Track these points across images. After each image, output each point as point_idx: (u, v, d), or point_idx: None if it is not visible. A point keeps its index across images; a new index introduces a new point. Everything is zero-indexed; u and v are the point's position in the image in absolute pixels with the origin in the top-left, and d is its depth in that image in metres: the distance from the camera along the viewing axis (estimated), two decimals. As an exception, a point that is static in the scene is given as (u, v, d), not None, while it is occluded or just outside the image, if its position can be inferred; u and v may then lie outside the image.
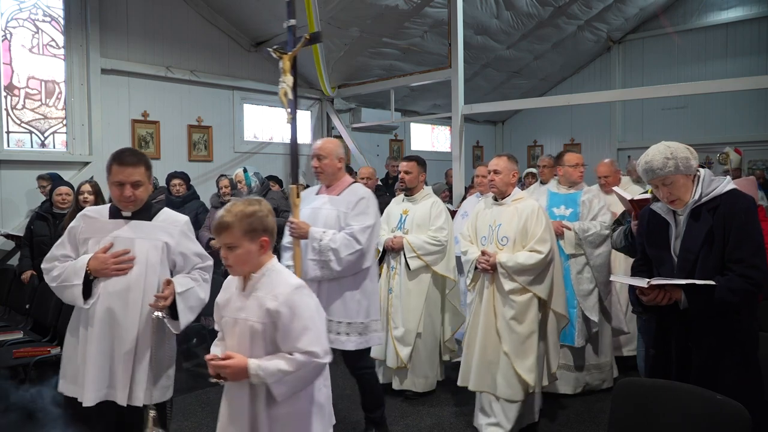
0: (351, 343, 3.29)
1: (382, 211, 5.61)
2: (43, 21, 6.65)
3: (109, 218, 2.56)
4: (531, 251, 3.45)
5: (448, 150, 10.42)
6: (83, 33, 6.73)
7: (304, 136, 9.25)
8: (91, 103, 6.78)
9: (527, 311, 3.46)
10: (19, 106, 6.49)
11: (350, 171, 8.10)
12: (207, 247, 5.23)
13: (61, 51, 6.74)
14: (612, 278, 3.70)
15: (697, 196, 2.31)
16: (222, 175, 6.77)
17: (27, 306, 5.10)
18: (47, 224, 5.04)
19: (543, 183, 5.34)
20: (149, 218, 2.58)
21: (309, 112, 9.28)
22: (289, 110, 3.42)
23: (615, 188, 3.74)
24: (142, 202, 2.57)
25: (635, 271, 2.59)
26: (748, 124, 9.62)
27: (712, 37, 10.24)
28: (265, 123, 8.79)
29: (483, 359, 3.52)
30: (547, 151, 12.28)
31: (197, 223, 5.54)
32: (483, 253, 3.55)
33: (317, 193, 3.50)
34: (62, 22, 6.74)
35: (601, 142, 11.28)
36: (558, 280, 3.59)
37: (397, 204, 4.56)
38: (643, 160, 2.38)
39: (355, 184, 3.48)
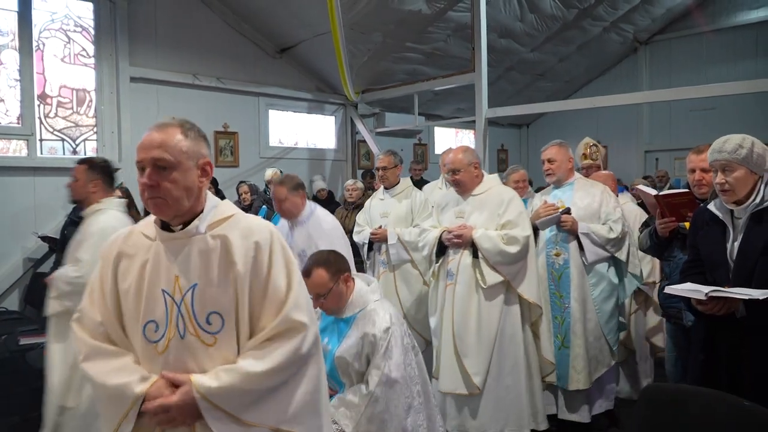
0: None
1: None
2: (74, 31, 6.82)
3: None
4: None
5: (472, 154, 10.37)
6: (113, 42, 6.89)
7: (329, 141, 9.34)
8: (120, 111, 6.93)
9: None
10: (51, 115, 6.66)
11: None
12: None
13: (92, 60, 6.91)
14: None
15: (758, 199, 2.17)
16: (242, 182, 6.85)
17: (60, 309, 5.22)
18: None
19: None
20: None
21: (333, 117, 9.34)
22: None
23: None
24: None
25: (686, 273, 2.45)
26: (779, 126, 9.39)
27: (742, 36, 10.02)
28: (290, 128, 8.88)
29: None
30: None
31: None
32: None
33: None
34: (92, 32, 6.90)
35: (628, 145, 11.11)
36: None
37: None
38: (719, 140, 2.23)
39: None
